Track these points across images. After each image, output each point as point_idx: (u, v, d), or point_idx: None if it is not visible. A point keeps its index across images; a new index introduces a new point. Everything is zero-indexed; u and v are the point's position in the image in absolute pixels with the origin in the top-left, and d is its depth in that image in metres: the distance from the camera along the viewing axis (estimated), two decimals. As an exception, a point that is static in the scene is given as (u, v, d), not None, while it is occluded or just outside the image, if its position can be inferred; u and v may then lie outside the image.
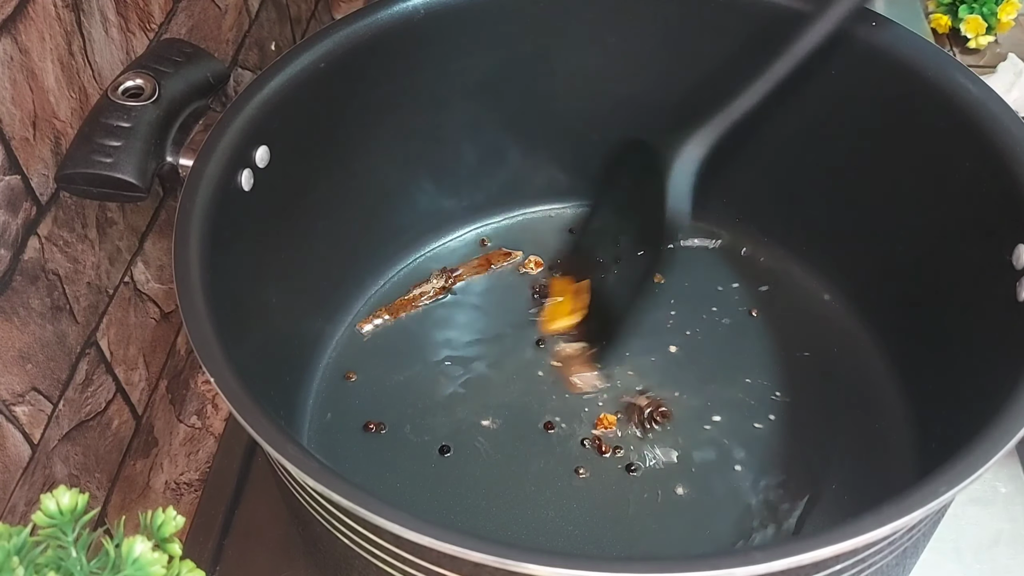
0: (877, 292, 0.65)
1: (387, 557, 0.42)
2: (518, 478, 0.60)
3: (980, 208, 0.54)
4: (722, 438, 0.61)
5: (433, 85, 0.65)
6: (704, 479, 0.59)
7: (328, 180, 0.62)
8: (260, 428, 0.41)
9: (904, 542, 0.44)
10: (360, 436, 0.62)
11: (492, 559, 0.36)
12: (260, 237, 0.56)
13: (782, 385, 0.64)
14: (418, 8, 0.61)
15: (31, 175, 0.49)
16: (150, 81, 0.53)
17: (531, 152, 0.71)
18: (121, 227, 0.58)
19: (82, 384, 0.55)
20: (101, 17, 0.54)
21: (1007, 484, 0.61)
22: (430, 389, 0.65)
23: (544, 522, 0.58)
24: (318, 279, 0.65)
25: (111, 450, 0.58)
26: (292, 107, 0.57)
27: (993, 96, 0.54)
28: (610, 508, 0.58)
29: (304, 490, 0.44)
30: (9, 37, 0.46)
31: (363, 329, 0.67)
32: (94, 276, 0.55)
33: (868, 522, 0.37)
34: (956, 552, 0.59)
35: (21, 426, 0.49)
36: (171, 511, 0.36)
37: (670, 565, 0.37)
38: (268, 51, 0.78)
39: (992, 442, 0.40)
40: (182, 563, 0.35)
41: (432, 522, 0.38)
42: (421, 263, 0.72)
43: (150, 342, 0.62)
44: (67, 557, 0.34)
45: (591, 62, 0.67)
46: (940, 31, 0.94)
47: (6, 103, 0.46)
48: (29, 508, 0.50)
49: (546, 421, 0.62)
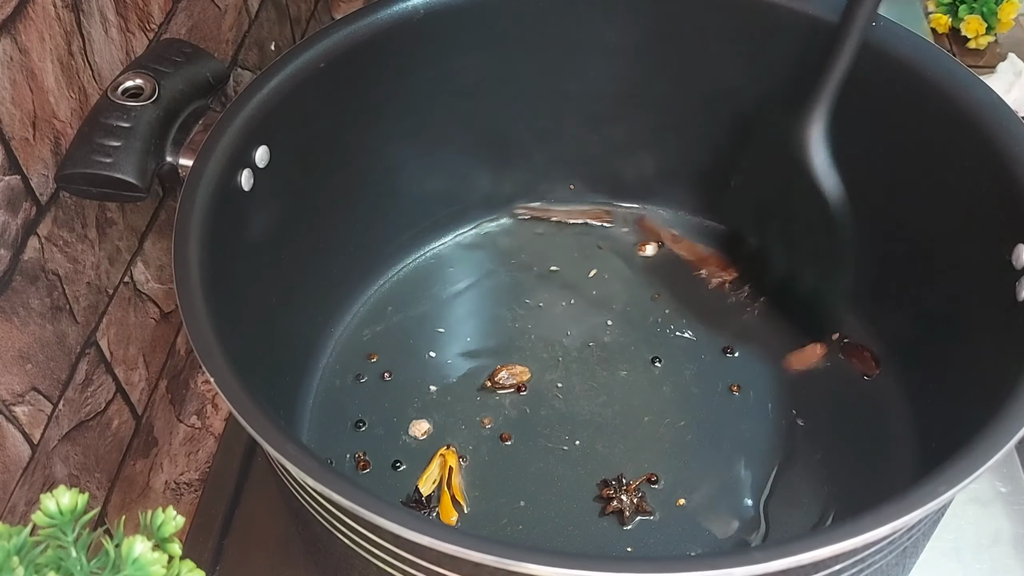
0: (876, 291, 0.65)
1: (387, 557, 0.42)
2: (518, 479, 0.60)
3: (980, 208, 0.54)
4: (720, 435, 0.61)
5: (433, 85, 0.65)
6: (717, 469, 0.60)
7: (328, 180, 0.62)
8: (260, 428, 0.41)
9: (904, 542, 0.44)
10: (360, 436, 0.62)
11: (492, 559, 0.36)
12: (260, 237, 0.56)
13: (782, 384, 0.64)
14: (418, 8, 0.61)
15: (31, 175, 0.49)
16: (150, 81, 0.53)
17: (532, 152, 0.72)
18: (121, 227, 0.58)
19: (82, 384, 0.55)
20: (101, 17, 0.54)
21: (1007, 484, 0.61)
22: (431, 390, 0.65)
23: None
24: (318, 279, 0.65)
25: (111, 450, 0.58)
26: (292, 107, 0.57)
27: (993, 96, 0.54)
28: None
29: (304, 490, 0.44)
30: (9, 37, 0.46)
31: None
32: (94, 276, 0.55)
33: (868, 522, 0.37)
34: (956, 552, 0.59)
35: (21, 426, 0.49)
36: (171, 511, 0.36)
37: (670, 565, 0.37)
38: (268, 51, 0.78)
39: (992, 442, 0.40)
40: (182, 563, 0.35)
41: (432, 522, 0.38)
42: (421, 263, 0.72)
43: (150, 342, 0.62)
44: (67, 557, 0.34)
45: (592, 60, 0.67)
46: (940, 31, 0.94)
47: (6, 103, 0.46)
48: (29, 508, 0.50)
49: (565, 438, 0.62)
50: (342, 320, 0.68)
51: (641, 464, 0.60)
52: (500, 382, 0.64)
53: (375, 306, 0.69)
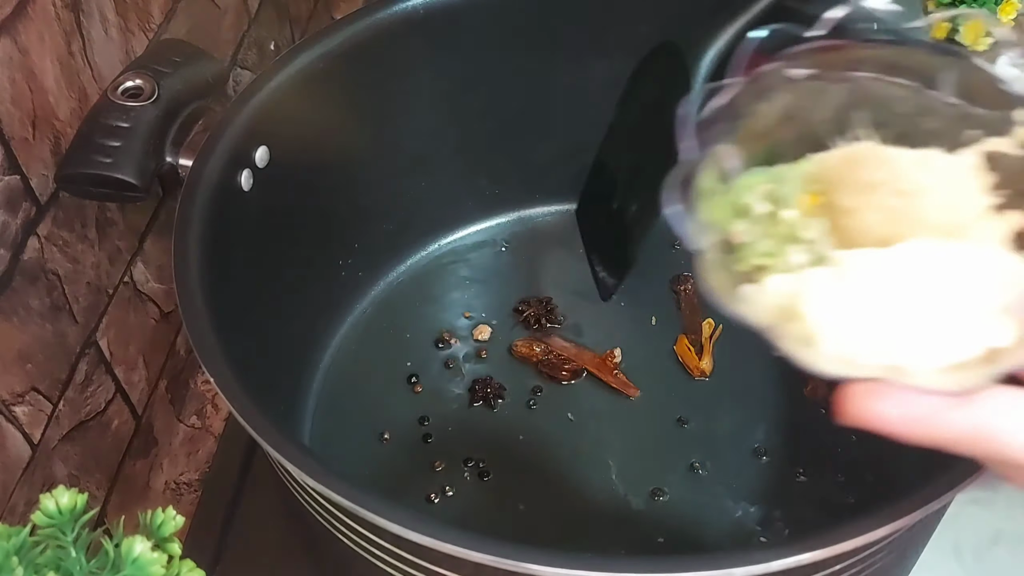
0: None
1: (387, 557, 0.42)
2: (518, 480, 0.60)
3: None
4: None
5: (433, 85, 0.65)
6: (717, 470, 0.60)
7: (328, 180, 0.62)
8: (260, 428, 0.41)
9: (904, 542, 0.44)
10: (360, 436, 0.62)
11: (492, 559, 0.36)
12: (260, 237, 0.56)
13: (783, 383, 0.64)
14: (418, 8, 0.61)
15: (31, 175, 0.49)
16: (149, 81, 0.53)
17: (533, 152, 0.71)
18: (121, 227, 0.58)
19: (82, 384, 0.55)
20: (100, 17, 0.54)
21: (1007, 484, 0.61)
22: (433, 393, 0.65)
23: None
24: (318, 279, 0.65)
25: (111, 450, 0.58)
26: (292, 107, 0.57)
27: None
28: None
29: (304, 490, 0.44)
30: (9, 37, 0.46)
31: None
32: (94, 276, 0.55)
33: (868, 522, 0.37)
34: (956, 552, 0.59)
35: (21, 426, 0.49)
36: (171, 511, 0.36)
37: (670, 565, 0.37)
38: (267, 51, 0.78)
39: (992, 442, 0.40)
40: (182, 563, 0.35)
41: (432, 522, 0.38)
42: (421, 262, 0.72)
43: (150, 342, 0.62)
44: (66, 557, 0.34)
45: (593, 62, 0.67)
46: (939, 37, 0.94)
47: (6, 103, 0.46)
48: (29, 508, 0.50)
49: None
50: (342, 320, 0.68)
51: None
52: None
53: (375, 306, 0.69)
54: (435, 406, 0.64)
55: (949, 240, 0.28)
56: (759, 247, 0.30)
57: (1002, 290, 0.27)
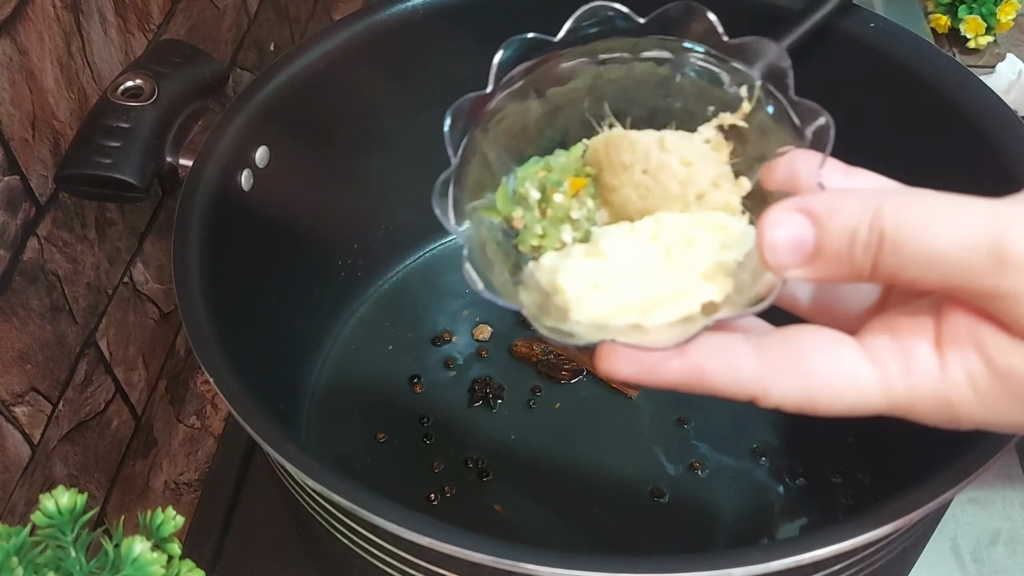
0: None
1: (387, 557, 0.42)
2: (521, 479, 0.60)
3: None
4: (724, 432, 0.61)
5: (432, 85, 0.65)
6: (716, 470, 0.60)
7: (327, 180, 0.62)
8: (260, 428, 0.41)
9: (904, 542, 0.44)
10: (360, 436, 0.62)
11: (491, 559, 0.36)
12: (260, 237, 0.56)
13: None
14: (418, 8, 0.61)
15: (30, 176, 0.49)
16: (149, 82, 0.53)
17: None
18: (120, 227, 0.58)
19: (81, 384, 0.55)
20: (100, 18, 0.54)
21: (1007, 484, 0.61)
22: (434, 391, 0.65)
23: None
24: (317, 279, 0.65)
25: (110, 450, 0.58)
26: (292, 107, 0.57)
27: (992, 96, 0.54)
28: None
29: (304, 490, 0.44)
30: (8, 38, 0.46)
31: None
32: (93, 276, 0.55)
33: (868, 522, 0.37)
34: (955, 552, 0.59)
35: (21, 426, 0.49)
36: (170, 511, 0.36)
37: (670, 565, 0.37)
38: (267, 51, 0.78)
39: (991, 442, 0.40)
40: (182, 563, 0.35)
41: (432, 522, 0.37)
42: (421, 262, 0.72)
43: (149, 342, 0.62)
44: (66, 557, 0.34)
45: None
46: (940, 31, 0.94)
47: (5, 104, 0.46)
48: (29, 508, 0.50)
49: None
50: (342, 320, 0.68)
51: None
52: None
53: (376, 306, 0.69)
54: (435, 406, 0.64)
55: (688, 209, 0.33)
56: (535, 229, 0.34)
57: (729, 250, 0.32)
